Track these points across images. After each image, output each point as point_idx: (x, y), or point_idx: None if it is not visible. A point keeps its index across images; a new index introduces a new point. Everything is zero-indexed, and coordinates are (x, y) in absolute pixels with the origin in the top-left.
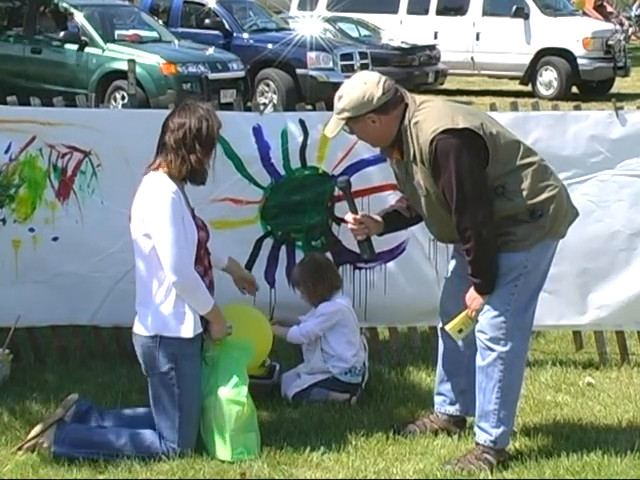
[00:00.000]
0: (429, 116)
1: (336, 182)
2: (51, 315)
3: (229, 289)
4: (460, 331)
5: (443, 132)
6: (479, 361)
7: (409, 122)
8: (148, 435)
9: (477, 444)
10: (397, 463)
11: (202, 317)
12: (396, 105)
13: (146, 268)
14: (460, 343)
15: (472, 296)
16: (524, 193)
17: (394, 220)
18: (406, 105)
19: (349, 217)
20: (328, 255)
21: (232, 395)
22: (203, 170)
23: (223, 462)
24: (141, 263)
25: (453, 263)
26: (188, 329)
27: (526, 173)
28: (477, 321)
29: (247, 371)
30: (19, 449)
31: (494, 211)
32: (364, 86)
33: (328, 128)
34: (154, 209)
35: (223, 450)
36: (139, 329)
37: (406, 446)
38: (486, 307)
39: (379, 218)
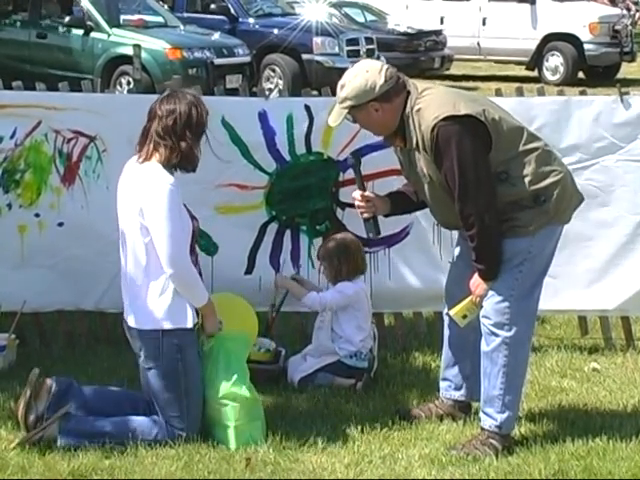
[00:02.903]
0: (431, 103)
1: (344, 162)
2: (57, 300)
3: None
4: (464, 317)
5: (445, 119)
6: (484, 346)
7: (411, 110)
8: (155, 422)
9: (482, 429)
10: (402, 448)
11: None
12: (398, 93)
13: (142, 261)
14: (465, 328)
15: (476, 282)
16: (528, 179)
17: (401, 202)
18: (408, 93)
19: (357, 194)
20: None
21: (234, 389)
22: (194, 157)
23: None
24: (136, 256)
25: (458, 248)
26: (188, 319)
27: (529, 158)
28: (481, 307)
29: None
30: (27, 440)
31: (498, 197)
32: (366, 74)
33: (331, 117)
34: (153, 201)
35: (229, 441)
36: (138, 323)
37: (411, 431)
38: (490, 292)
39: (386, 198)
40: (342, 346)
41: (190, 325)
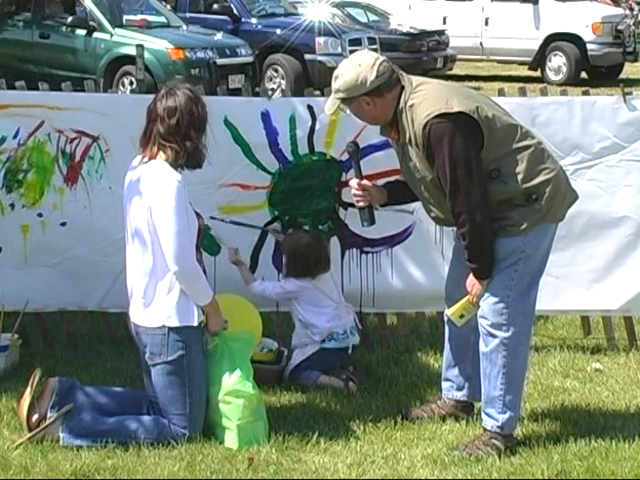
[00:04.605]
0: (424, 99)
1: (347, 161)
2: (59, 300)
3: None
4: (461, 316)
5: (437, 116)
6: (482, 347)
7: (405, 104)
8: (158, 421)
9: (485, 430)
10: (405, 448)
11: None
12: (391, 88)
13: (150, 259)
14: (466, 328)
15: (472, 282)
16: (519, 176)
17: (398, 192)
18: (402, 87)
19: (353, 182)
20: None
21: (238, 387)
22: (200, 154)
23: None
24: (143, 254)
25: (455, 249)
26: (195, 317)
27: (522, 156)
28: (479, 306)
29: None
30: (29, 439)
31: (490, 195)
32: (358, 68)
33: (326, 105)
34: (161, 198)
35: (231, 440)
36: (145, 321)
37: (414, 431)
38: (487, 293)
39: (383, 188)
40: (314, 331)
41: (196, 323)
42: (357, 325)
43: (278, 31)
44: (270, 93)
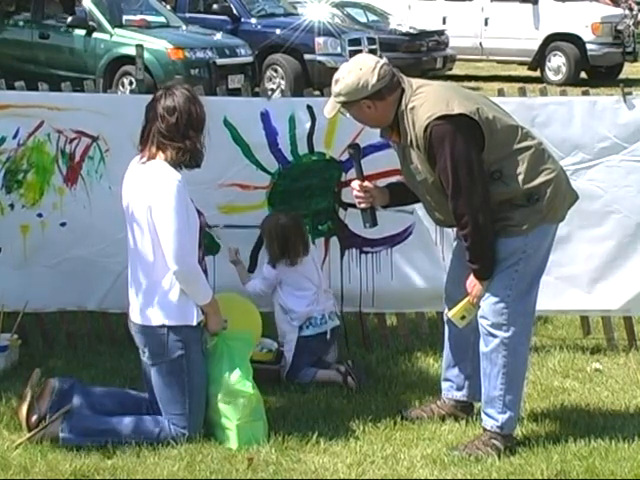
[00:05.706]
0: (425, 101)
1: (346, 161)
2: (59, 300)
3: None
4: (462, 317)
5: (438, 118)
6: (482, 347)
7: (406, 107)
8: (157, 421)
9: (484, 430)
10: (405, 449)
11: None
12: (392, 91)
13: (150, 258)
14: (466, 329)
15: (472, 282)
16: (521, 177)
17: (400, 194)
18: (403, 90)
19: (355, 184)
20: (335, 241)
21: (238, 387)
22: (199, 153)
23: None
24: (144, 253)
25: (455, 249)
26: (194, 316)
27: (523, 157)
28: (479, 307)
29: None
30: (29, 439)
31: (491, 196)
32: (359, 72)
33: (326, 108)
34: (161, 197)
35: (231, 440)
36: (144, 320)
37: (414, 432)
38: (487, 293)
39: (385, 189)
40: (293, 317)
41: (195, 322)
42: (336, 311)
43: (278, 31)
44: (270, 93)
